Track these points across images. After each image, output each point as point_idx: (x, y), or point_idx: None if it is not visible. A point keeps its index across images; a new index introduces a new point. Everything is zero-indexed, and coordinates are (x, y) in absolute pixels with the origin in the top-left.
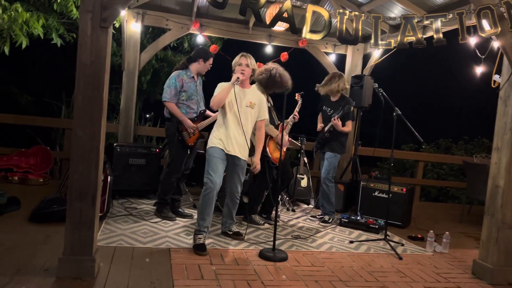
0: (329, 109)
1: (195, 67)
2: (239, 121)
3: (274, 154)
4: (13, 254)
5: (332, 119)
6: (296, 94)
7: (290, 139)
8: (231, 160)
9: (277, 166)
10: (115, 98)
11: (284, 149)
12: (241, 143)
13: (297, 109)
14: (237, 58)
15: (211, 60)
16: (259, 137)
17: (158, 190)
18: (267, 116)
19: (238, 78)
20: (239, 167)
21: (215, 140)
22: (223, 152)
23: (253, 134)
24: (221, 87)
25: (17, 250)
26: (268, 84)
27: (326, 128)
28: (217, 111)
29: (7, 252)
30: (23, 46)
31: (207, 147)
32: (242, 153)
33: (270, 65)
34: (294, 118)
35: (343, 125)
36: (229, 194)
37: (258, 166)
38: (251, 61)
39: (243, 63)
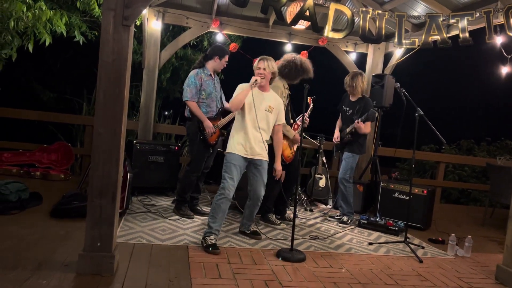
0: (348, 109)
1: (211, 64)
2: (257, 125)
3: (286, 152)
4: (35, 249)
5: (356, 122)
6: (308, 98)
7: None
8: (253, 163)
9: (287, 164)
10: (135, 96)
11: (295, 147)
12: (261, 146)
13: (308, 112)
14: (257, 62)
15: (227, 57)
16: (277, 141)
17: (177, 188)
18: (283, 121)
19: (256, 80)
20: (262, 169)
21: (235, 145)
22: (242, 158)
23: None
24: (240, 88)
25: (38, 245)
26: (297, 74)
27: (348, 130)
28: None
29: (29, 246)
30: (47, 43)
31: (226, 151)
32: (263, 155)
33: (288, 55)
34: (304, 122)
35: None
36: (253, 197)
37: (279, 173)
38: (271, 64)
39: (261, 67)
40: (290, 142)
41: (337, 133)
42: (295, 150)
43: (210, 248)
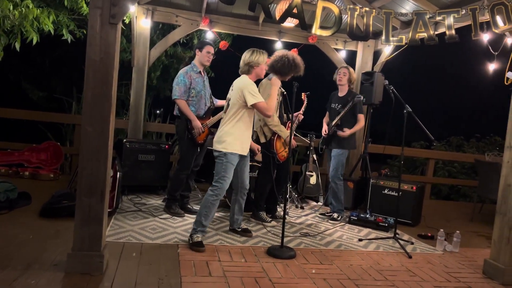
0: (337, 104)
1: (196, 60)
2: (249, 120)
3: (280, 151)
4: (24, 249)
5: (339, 132)
6: (302, 94)
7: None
8: (243, 159)
9: (281, 163)
10: (125, 94)
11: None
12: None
13: (302, 109)
14: (263, 56)
15: (208, 48)
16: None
17: (168, 186)
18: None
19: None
20: (248, 160)
21: (237, 145)
22: (238, 157)
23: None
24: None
25: (28, 244)
26: (290, 69)
27: (333, 122)
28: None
29: (18, 246)
30: (34, 42)
31: (228, 151)
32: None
33: (280, 51)
34: (298, 118)
35: (356, 120)
36: (241, 189)
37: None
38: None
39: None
40: (284, 142)
41: (325, 127)
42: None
43: (194, 245)
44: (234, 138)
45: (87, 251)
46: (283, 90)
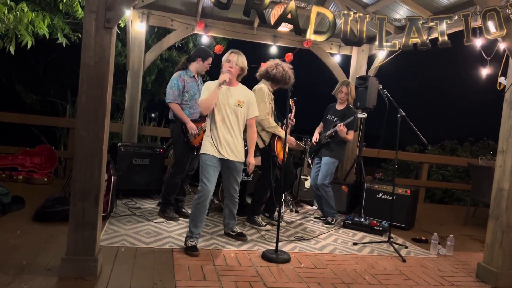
0: (333, 117)
1: (194, 66)
2: (229, 122)
3: (281, 153)
4: (17, 253)
5: (338, 125)
6: (290, 100)
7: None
8: (225, 164)
9: (280, 167)
10: (119, 98)
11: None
12: (233, 145)
13: (292, 114)
14: (226, 55)
15: (210, 60)
16: (250, 135)
17: (162, 191)
18: (257, 113)
19: (224, 81)
20: (234, 171)
21: (207, 146)
22: (216, 158)
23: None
24: (207, 88)
25: (21, 249)
26: (282, 78)
27: (328, 133)
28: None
29: (11, 251)
30: (29, 45)
31: (200, 152)
32: (236, 155)
33: (274, 60)
34: (292, 123)
35: (346, 133)
36: (228, 196)
37: (252, 167)
38: (242, 59)
39: (232, 60)
40: (283, 144)
41: (316, 135)
42: (287, 152)
43: (188, 250)
44: (206, 139)
45: (81, 256)
46: (273, 96)
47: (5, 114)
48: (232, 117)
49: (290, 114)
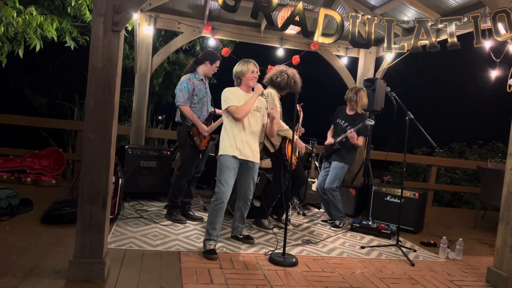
0: (343, 121)
1: (202, 69)
2: (249, 125)
3: (293, 157)
4: (25, 256)
5: (349, 131)
6: (297, 105)
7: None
8: (245, 165)
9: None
10: (127, 101)
11: (296, 153)
12: (254, 147)
13: (300, 121)
14: (247, 65)
15: (218, 63)
16: (270, 133)
17: (169, 193)
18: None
19: (262, 92)
20: (254, 171)
21: (227, 147)
22: (236, 160)
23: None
24: (235, 95)
25: (29, 251)
26: (288, 84)
27: (338, 139)
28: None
29: (19, 253)
30: (37, 49)
31: (219, 154)
32: (256, 157)
33: (280, 66)
34: (300, 132)
35: (356, 139)
36: (243, 198)
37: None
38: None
39: (255, 70)
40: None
41: (329, 139)
42: (296, 156)
43: (207, 253)
44: (224, 141)
45: (88, 258)
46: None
47: (13, 117)
48: (253, 121)
49: (298, 124)
